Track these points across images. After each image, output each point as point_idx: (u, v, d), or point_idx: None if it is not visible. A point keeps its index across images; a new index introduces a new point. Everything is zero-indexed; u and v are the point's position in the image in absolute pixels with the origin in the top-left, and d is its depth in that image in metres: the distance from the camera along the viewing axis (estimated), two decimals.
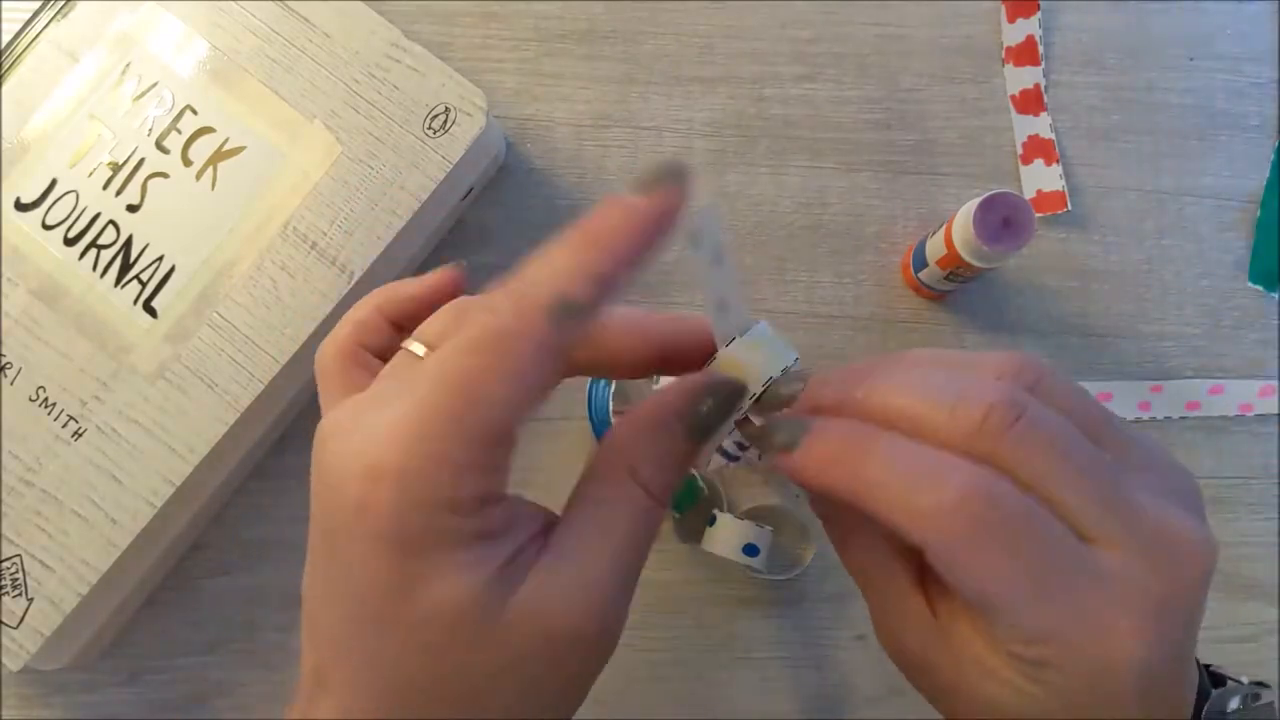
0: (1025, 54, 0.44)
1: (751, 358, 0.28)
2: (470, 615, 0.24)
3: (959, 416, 0.25)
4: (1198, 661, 0.30)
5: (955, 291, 0.46)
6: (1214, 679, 0.30)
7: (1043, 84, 0.44)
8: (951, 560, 0.25)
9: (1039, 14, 0.43)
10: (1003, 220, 0.41)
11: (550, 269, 0.24)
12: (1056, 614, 0.25)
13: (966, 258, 0.42)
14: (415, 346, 0.27)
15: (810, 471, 0.26)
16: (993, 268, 0.43)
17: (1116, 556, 0.25)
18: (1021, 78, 0.45)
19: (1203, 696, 0.29)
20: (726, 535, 0.43)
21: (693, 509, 0.44)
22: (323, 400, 0.30)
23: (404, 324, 0.31)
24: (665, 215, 0.25)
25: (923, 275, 0.46)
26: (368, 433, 0.24)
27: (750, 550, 0.43)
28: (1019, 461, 0.25)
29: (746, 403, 0.28)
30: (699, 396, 0.27)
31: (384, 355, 0.31)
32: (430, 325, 0.28)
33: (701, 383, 0.27)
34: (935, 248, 0.44)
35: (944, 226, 0.43)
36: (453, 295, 0.30)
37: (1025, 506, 0.25)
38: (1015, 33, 0.44)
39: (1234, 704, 0.29)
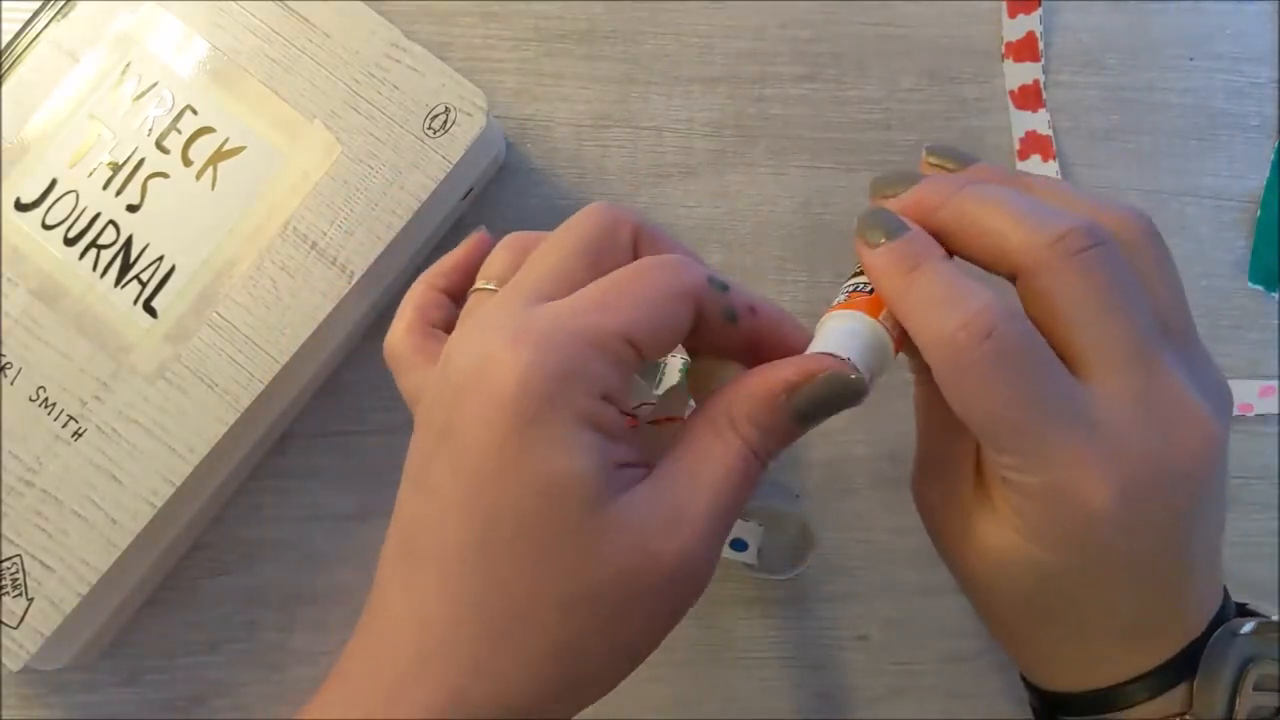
0: (1025, 49, 0.44)
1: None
2: (578, 494, 0.24)
3: (1034, 231, 0.27)
4: (1228, 594, 0.30)
5: None
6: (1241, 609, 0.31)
7: (1042, 80, 0.45)
8: (947, 383, 0.27)
9: (1040, 10, 0.43)
10: None
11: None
12: (1041, 451, 0.26)
13: None
14: (486, 285, 0.29)
15: (910, 201, 0.29)
16: None
17: (1116, 406, 0.26)
18: (1021, 73, 0.45)
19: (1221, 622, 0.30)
20: None
21: None
22: (402, 384, 0.31)
23: (455, 294, 0.33)
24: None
25: None
26: (493, 330, 0.25)
27: (738, 545, 0.43)
28: (1062, 289, 0.27)
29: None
30: (816, 383, 0.27)
31: (448, 327, 0.32)
32: (491, 266, 0.30)
33: (822, 368, 0.27)
34: None
35: None
36: (487, 254, 0.32)
37: (1029, 343, 0.27)
38: (1016, 28, 0.44)
39: (1248, 626, 0.29)
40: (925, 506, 0.33)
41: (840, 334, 0.28)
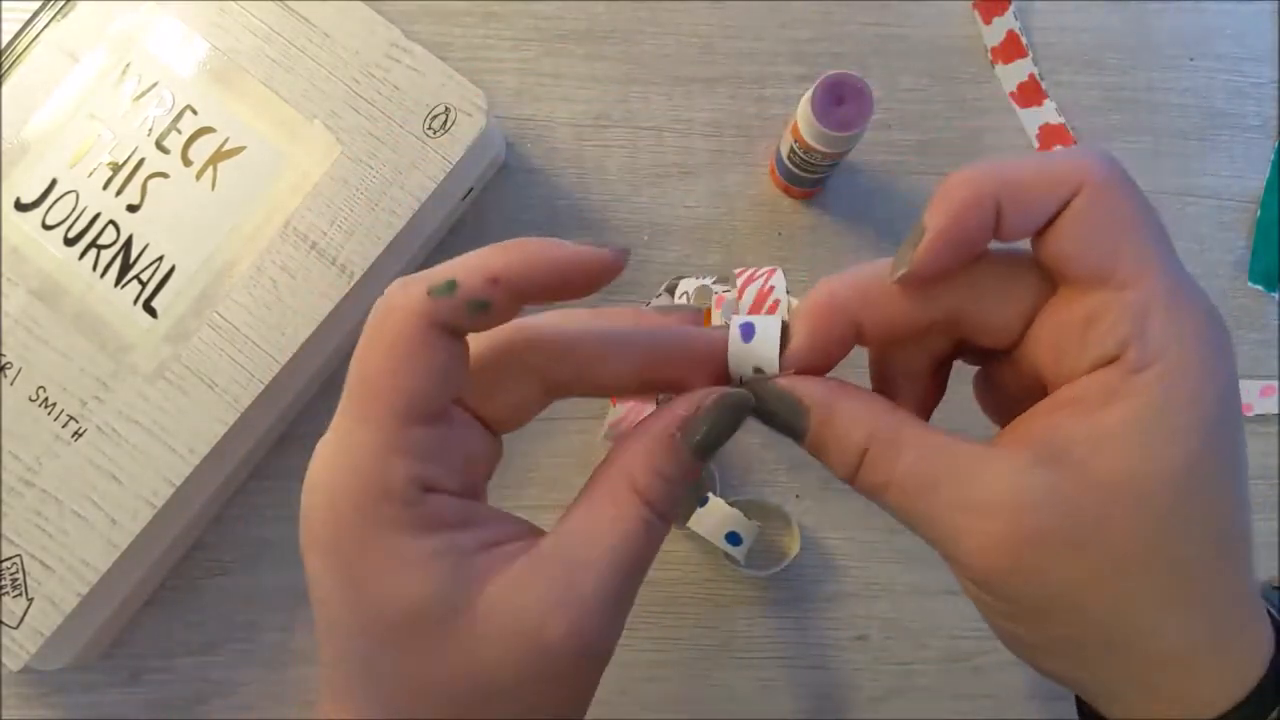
0: (1010, 49, 0.44)
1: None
2: (432, 616, 0.23)
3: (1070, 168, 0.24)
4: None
5: (820, 185, 0.46)
6: None
7: (1036, 72, 0.44)
8: (1097, 203, 0.24)
9: (1012, 8, 0.43)
10: (837, 99, 0.41)
11: (449, 264, 0.24)
12: (1173, 274, 0.25)
13: (807, 139, 0.42)
14: None
15: (957, 208, 0.24)
16: (836, 154, 0.43)
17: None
18: (1014, 73, 0.45)
19: None
20: (714, 519, 0.43)
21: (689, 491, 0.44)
22: None
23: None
24: (585, 266, 0.24)
25: (781, 168, 0.46)
26: (324, 442, 0.24)
27: (733, 539, 0.43)
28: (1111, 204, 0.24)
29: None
30: (704, 410, 0.25)
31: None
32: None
33: (707, 395, 0.26)
34: (786, 137, 0.44)
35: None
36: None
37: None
38: (994, 33, 0.44)
39: None
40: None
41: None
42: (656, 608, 0.45)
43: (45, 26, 0.41)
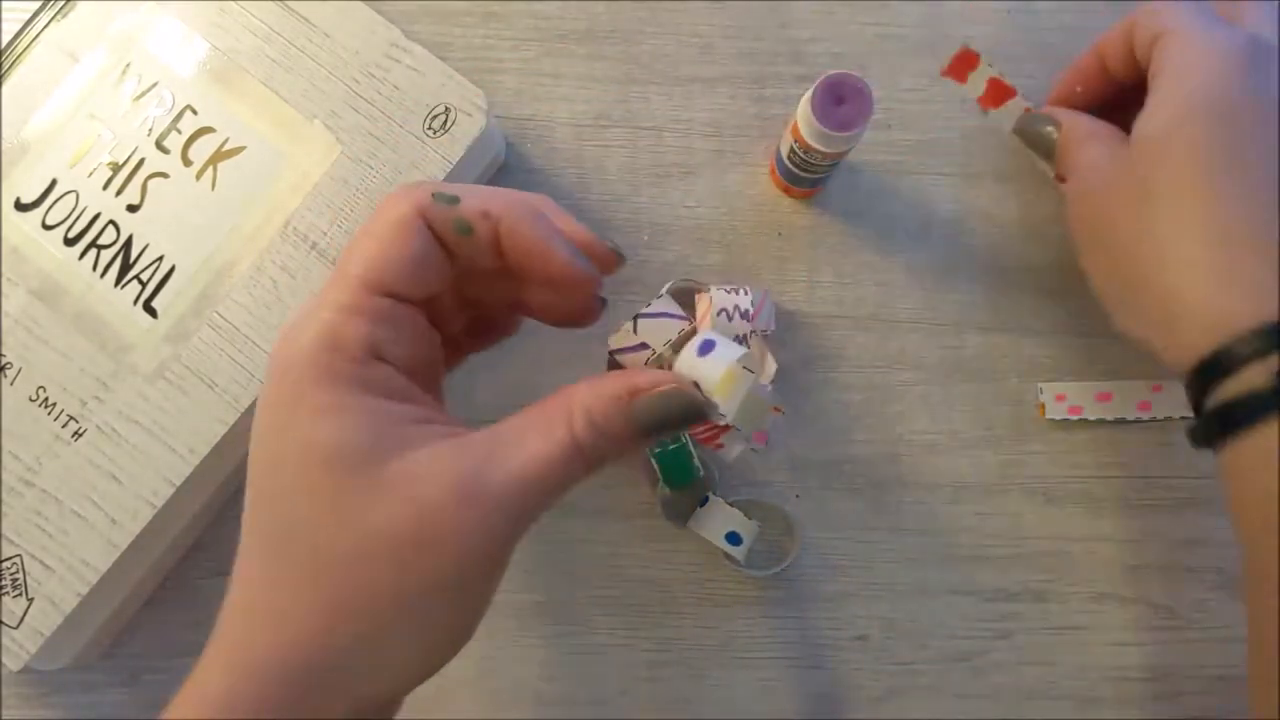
0: (997, 94, 0.45)
1: (712, 371, 0.28)
2: (346, 460, 0.25)
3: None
4: None
5: (820, 184, 0.46)
6: None
7: (997, 74, 0.45)
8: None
9: (982, 61, 0.44)
10: (837, 99, 0.41)
11: (462, 185, 0.28)
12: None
13: (807, 139, 0.42)
14: None
15: (1082, 63, 0.44)
16: (836, 154, 0.43)
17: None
18: (1011, 112, 0.46)
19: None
20: (715, 519, 0.43)
21: (686, 488, 0.44)
22: None
23: None
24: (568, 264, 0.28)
25: (781, 168, 0.46)
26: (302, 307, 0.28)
27: (733, 538, 0.43)
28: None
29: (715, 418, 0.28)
30: (659, 393, 0.27)
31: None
32: None
33: (673, 388, 0.27)
34: (786, 137, 0.44)
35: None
36: None
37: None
38: (974, 85, 0.45)
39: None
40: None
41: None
42: (657, 608, 0.45)
43: (45, 26, 0.41)
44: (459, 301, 0.31)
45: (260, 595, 0.26)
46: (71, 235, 0.40)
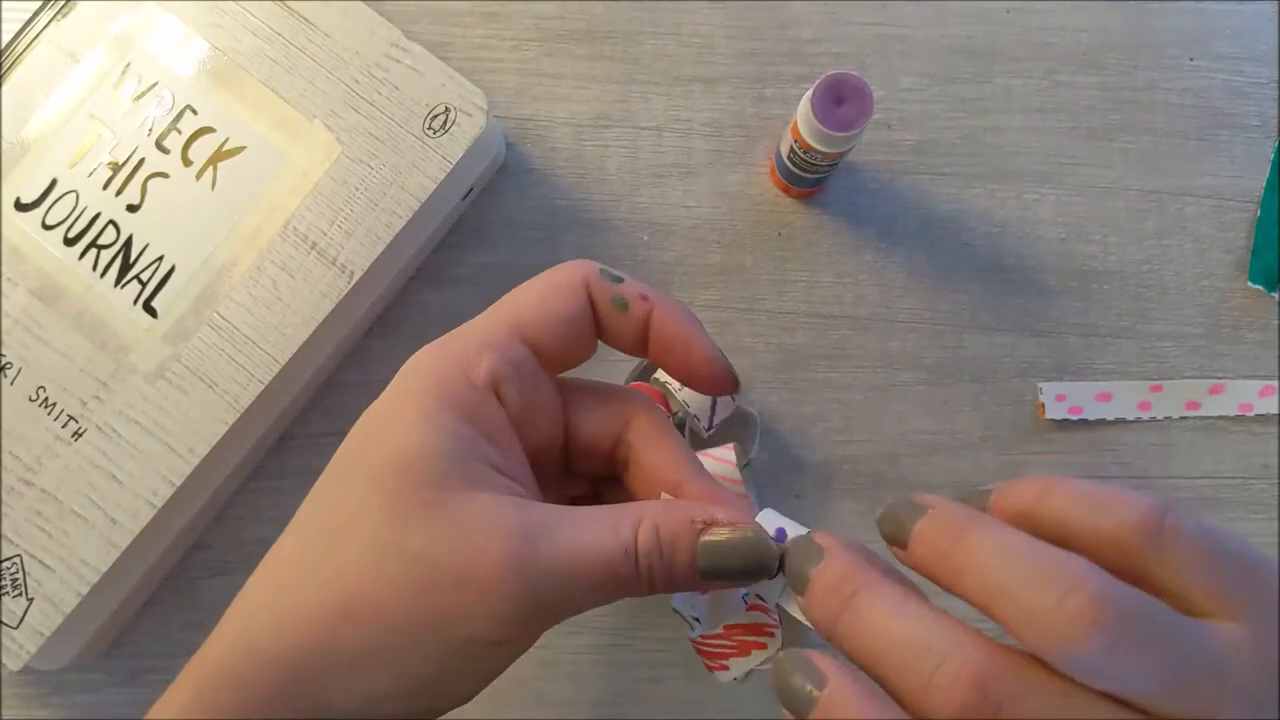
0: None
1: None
2: (421, 471, 0.25)
3: (1116, 517, 0.24)
4: None
5: (821, 184, 0.46)
6: None
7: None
8: (1084, 663, 0.22)
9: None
10: (837, 99, 0.41)
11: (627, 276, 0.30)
12: (1189, 709, 0.22)
13: (807, 139, 0.42)
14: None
15: (917, 558, 0.24)
16: (836, 154, 0.43)
17: (1235, 631, 0.23)
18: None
19: None
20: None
21: None
22: None
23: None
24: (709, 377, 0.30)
25: (781, 168, 0.46)
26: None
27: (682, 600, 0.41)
28: (1162, 560, 0.24)
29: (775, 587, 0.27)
30: (731, 539, 0.26)
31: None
32: None
33: (746, 527, 0.26)
34: (786, 137, 0.45)
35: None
36: None
37: (1149, 604, 0.22)
38: None
39: None
40: None
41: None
42: (656, 609, 0.45)
43: (45, 26, 0.41)
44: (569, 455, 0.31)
45: (283, 570, 0.26)
46: (71, 235, 0.40)
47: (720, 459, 0.42)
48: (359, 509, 0.26)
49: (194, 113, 0.41)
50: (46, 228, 0.40)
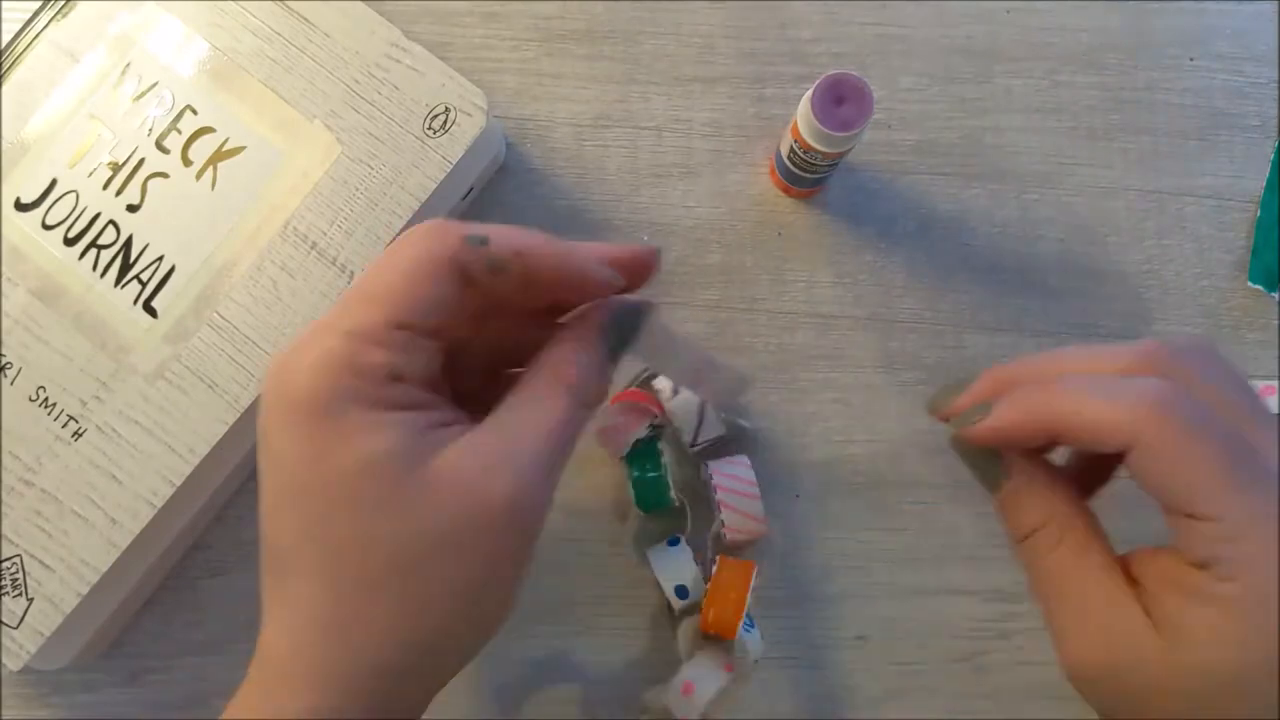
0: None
1: None
2: (388, 470, 0.26)
3: (1123, 357, 0.29)
4: None
5: (820, 184, 0.46)
6: None
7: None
8: (1151, 454, 0.27)
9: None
10: (837, 99, 0.41)
11: (486, 225, 0.28)
12: (1248, 503, 0.26)
13: (807, 139, 0.42)
14: None
15: (1007, 425, 0.29)
16: (836, 154, 0.43)
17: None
18: None
19: None
20: (671, 564, 0.43)
21: (659, 513, 0.44)
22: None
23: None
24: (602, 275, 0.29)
25: (780, 168, 0.46)
26: (288, 346, 0.28)
27: (680, 592, 0.43)
28: (1186, 375, 0.28)
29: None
30: (616, 315, 0.30)
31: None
32: None
33: (619, 304, 0.30)
34: (786, 137, 0.45)
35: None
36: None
37: (1206, 405, 0.27)
38: None
39: None
40: (1103, 674, 0.30)
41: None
42: (656, 608, 0.45)
43: (45, 26, 0.41)
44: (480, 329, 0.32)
45: (327, 610, 0.26)
46: (71, 235, 0.40)
47: (736, 476, 0.44)
48: (361, 533, 0.26)
49: (194, 113, 0.41)
50: (46, 228, 0.40)
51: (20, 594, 0.38)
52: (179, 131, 0.41)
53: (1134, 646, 0.28)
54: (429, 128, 0.41)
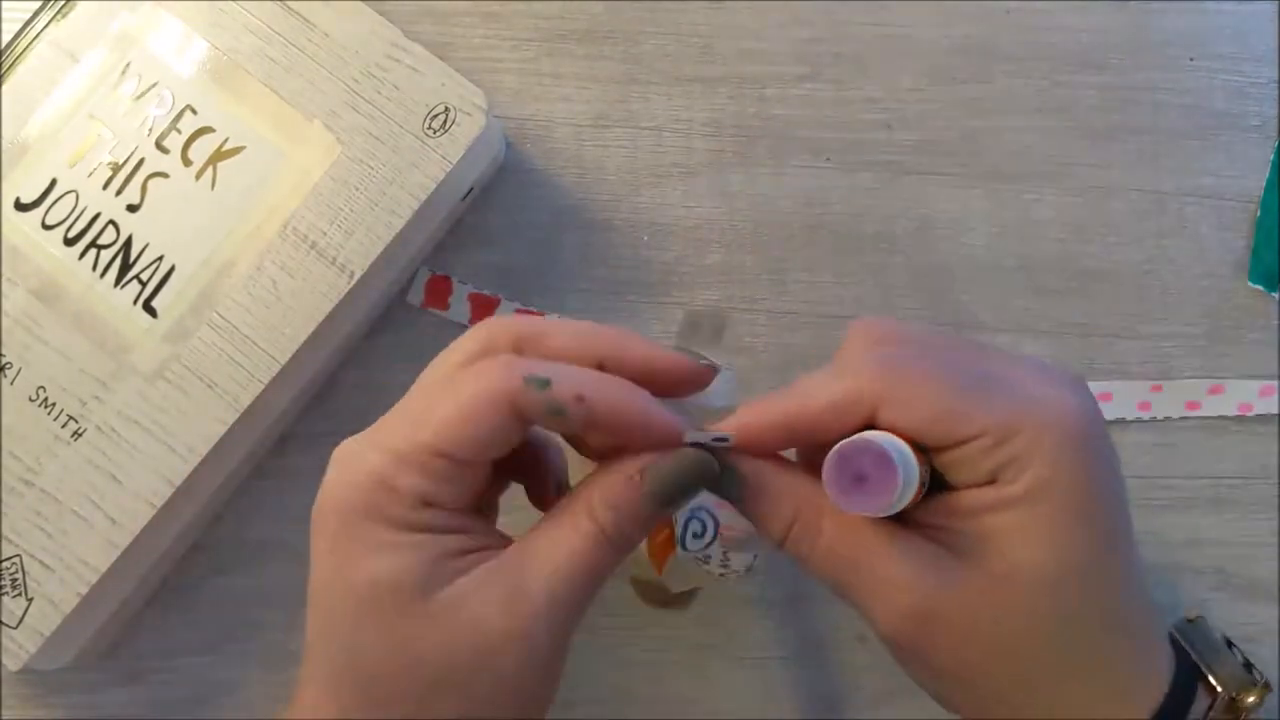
0: (485, 308, 0.44)
1: None
2: (396, 594, 0.26)
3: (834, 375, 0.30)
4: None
5: None
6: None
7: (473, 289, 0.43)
8: (906, 401, 0.27)
9: (456, 284, 0.43)
10: (855, 476, 0.28)
11: (553, 365, 0.27)
12: (1002, 408, 0.27)
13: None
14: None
15: (749, 429, 0.29)
16: None
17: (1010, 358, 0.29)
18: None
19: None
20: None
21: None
22: None
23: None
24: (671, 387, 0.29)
25: None
26: (350, 442, 0.28)
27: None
28: (891, 336, 0.30)
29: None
30: (668, 461, 0.28)
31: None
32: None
33: (676, 450, 0.28)
34: None
35: None
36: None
37: (928, 347, 0.29)
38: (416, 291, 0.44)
39: (1180, 618, 0.32)
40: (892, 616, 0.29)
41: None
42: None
43: (45, 26, 0.41)
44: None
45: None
46: (71, 235, 0.40)
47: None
48: (368, 652, 0.27)
49: (194, 113, 0.41)
50: (46, 228, 0.40)
51: (20, 594, 0.38)
52: (179, 131, 0.41)
53: (947, 583, 0.28)
54: (429, 128, 0.41)
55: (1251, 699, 0.30)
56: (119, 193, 0.40)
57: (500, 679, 0.27)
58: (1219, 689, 0.30)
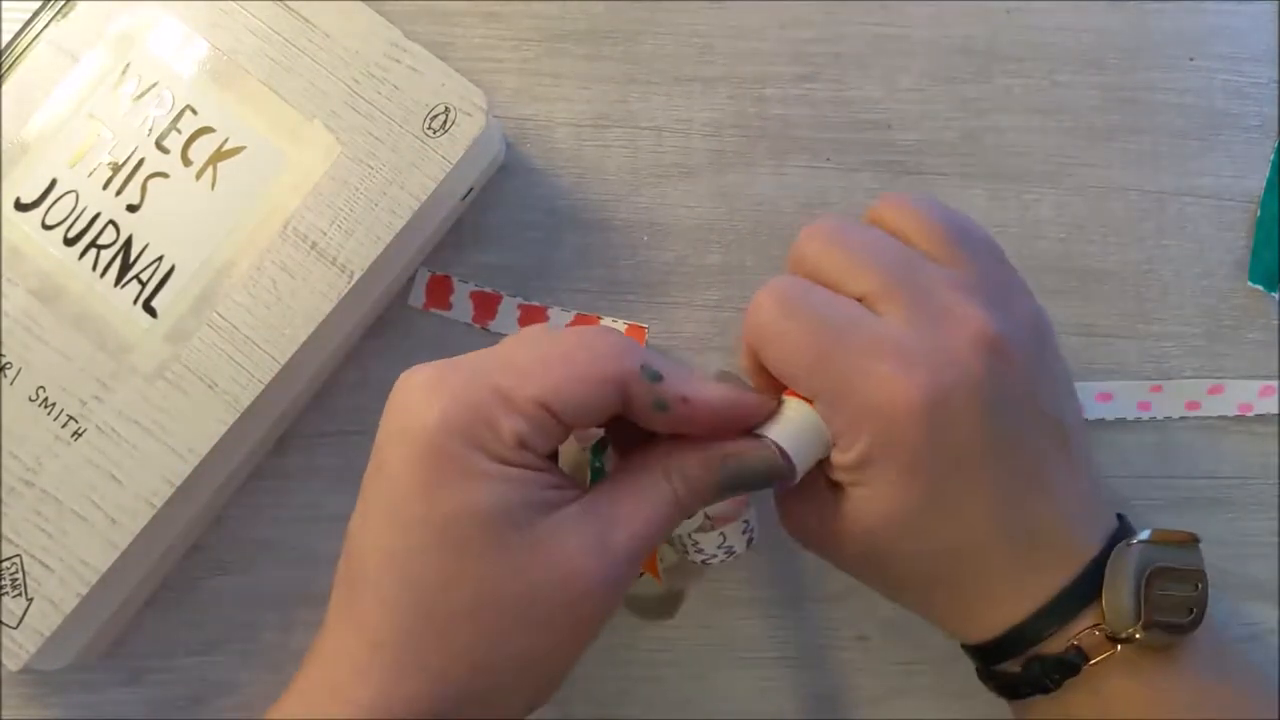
0: (488, 306, 0.45)
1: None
2: (497, 523, 0.27)
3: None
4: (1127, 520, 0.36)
5: None
6: None
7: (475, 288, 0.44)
8: (762, 356, 0.32)
9: (457, 282, 0.44)
10: None
11: (672, 364, 0.30)
12: (836, 375, 0.31)
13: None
14: None
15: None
16: None
17: (898, 323, 0.31)
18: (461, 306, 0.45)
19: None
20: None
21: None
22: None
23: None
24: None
25: None
26: (420, 378, 0.29)
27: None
28: (821, 259, 0.34)
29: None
30: (748, 457, 0.31)
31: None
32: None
33: (760, 447, 0.31)
34: None
35: None
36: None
37: (804, 287, 0.33)
38: (481, 315, 0.45)
39: (1144, 535, 0.33)
40: (800, 532, 0.37)
41: (789, 428, 0.32)
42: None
43: (45, 26, 0.41)
44: None
45: (392, 642, 0.27)
46: (71, 235, 0.40)
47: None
48: (462, 576, 0.27)
49: (194, 113, 0.41)
50: (46, 228, 0.40)
51: (20, 594, 0.38)
52: (179, 131, 0.41)
53: (828, 517, 0.33)
54: (429, 128, 0.41)
55: (1124, 635, 0.32)
56: (119, 193, 0.40)
57: (578, 620, 0.28)
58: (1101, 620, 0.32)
